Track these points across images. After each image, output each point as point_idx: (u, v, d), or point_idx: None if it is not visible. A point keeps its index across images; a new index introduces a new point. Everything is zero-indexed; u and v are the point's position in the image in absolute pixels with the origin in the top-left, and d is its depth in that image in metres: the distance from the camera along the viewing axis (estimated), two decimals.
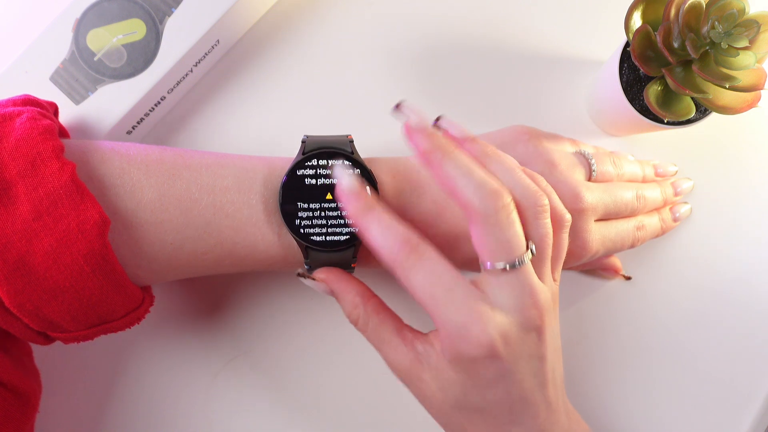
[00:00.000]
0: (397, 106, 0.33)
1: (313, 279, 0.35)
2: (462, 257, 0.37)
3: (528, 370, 0.32)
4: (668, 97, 0.38)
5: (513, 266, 0.30)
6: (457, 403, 0.32)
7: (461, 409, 0.32)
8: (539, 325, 0.31)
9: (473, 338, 0.30)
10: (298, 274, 0.36)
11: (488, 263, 0.31)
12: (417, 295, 0.31)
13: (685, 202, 0.44)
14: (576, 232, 0.38)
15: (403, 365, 0.33)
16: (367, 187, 0.32)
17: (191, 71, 0.42)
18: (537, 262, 0.32)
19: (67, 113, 0.39)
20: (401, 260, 0.30)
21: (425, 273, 0.30)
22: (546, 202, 0.32)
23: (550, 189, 0.34)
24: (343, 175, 0.32)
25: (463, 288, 0.30)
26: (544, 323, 0.31)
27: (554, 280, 0.34)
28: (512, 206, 0.31)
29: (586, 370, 0.44)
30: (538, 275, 0.32)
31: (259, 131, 0.44)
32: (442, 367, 0.32)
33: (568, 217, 0.34)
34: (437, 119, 0.33)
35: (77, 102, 0.39)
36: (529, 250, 0.31)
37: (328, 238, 0.35)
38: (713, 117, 0.40)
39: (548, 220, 0.32)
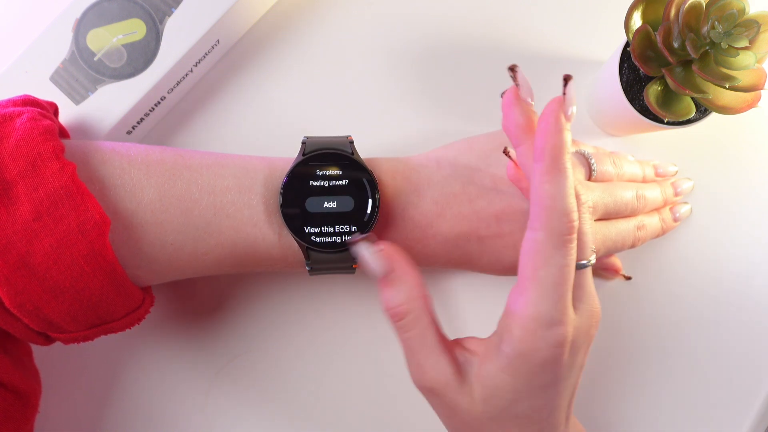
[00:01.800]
0: (512, 68, 0.30)
1: (374, 249, 0.31)
2: (462, 256, 0.37)
3: (572, 381, 0.31)
4: (668, 97, 0.38)
5: (580, 267, 0.30)
6: (500, 413, 0.30)
7: (500, 420, 0.30)
8: (594, 334, 0.31)
9: (553, 338, 0.29)
10: (350, 242, 0.32)
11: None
12: (530, 272, 0.29)
13: (685, 202, 0.44)
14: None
15: (444, 376, 0.30)
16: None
17: (191, 71, 0.42)
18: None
19: (67, 113, 0.39)
20: (555, 232, 0.29)
21: (559, 262, 0.29)
22: (592, 203, 0.32)
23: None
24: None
25: (569, 287, 0.29)
26: (596, 331, 0.31)
27: None
28: (591, 209, 0.31)
29: (585, 370, 0.44)
30: None
31: (259, 131, 0.44)
32: (491, 374, 0.30)
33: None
34: (512, 67, 0.31)
35: (77, 102, 0.39)
36: (594, 254, 0.31)
37: (329, 238, 0.35)
38: (713, 117, 0.40)
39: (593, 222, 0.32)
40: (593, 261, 0.31)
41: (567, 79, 0.29)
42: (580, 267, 0.30)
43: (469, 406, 0.30)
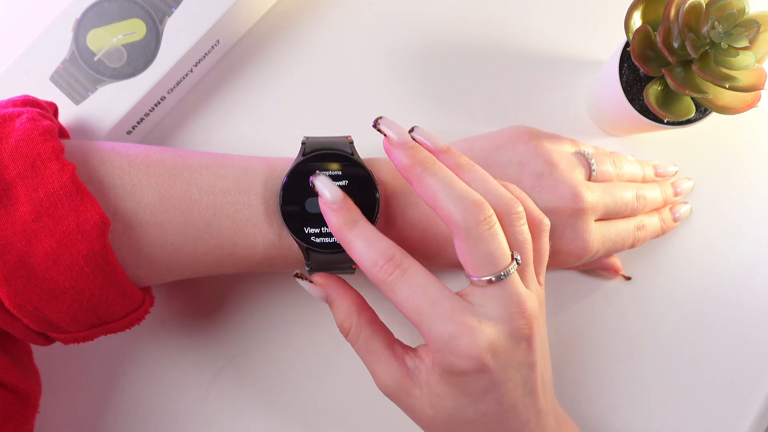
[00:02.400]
0: (375, 123, 0.32)
1: (311, 281, 0.35)
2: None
3: (518, 379, 0.32)
4: (668, 97, 0.38)
5: (499, 278, 0.30)
6: (449, 418, 0.32)
7: (453, 423, 0.32)
8: (528, 334, 0.31)
9: (462, 351, 0.30)
10: (296, 275, 0.35)
11: (474, 276, 0.31)
12: (403, 309, 0.30)
13: (685, 202, 0.44)
14: (576, 231, 0.38)
15: (393, 381, 0.33)
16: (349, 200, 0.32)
17: (191, 71, 0.42)
18: (520, 269, 0.32)
19: (67, 113, 0.39)
20: (385, 276, 0.30)
21: (410, 287, 0.30)
22: (521, 208, 0.32)
23: (524, 195, 0.34)
24: (325, 188, 0.32)
25: (449, 301, 0.30)
26: (533, 332, 0.31)
27: (540, 284, 0.34)
28: (494, 218, 0.30)
29: (585, 369, 0.44)
30: (523, 282, 0.32)
31: (259, 131, 0.44)
32: (432, 383, 0.32)
33: (546, 222, 0.34)
34: (411, 130, 0.33)
35: (77, 102, 0.39)
36: (515, 260, 0.31)
37: (328, 239, 0.35)
38: (713, 117, 0.40)
39: (525, 227, 0.32)
40: (514, 267, 0.31)
41: (376, 122, 0.32)
42: (498, 279, 0.30)
43: (422, 409, 0.32)
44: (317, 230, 0.34)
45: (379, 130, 0.32)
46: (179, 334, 0.43)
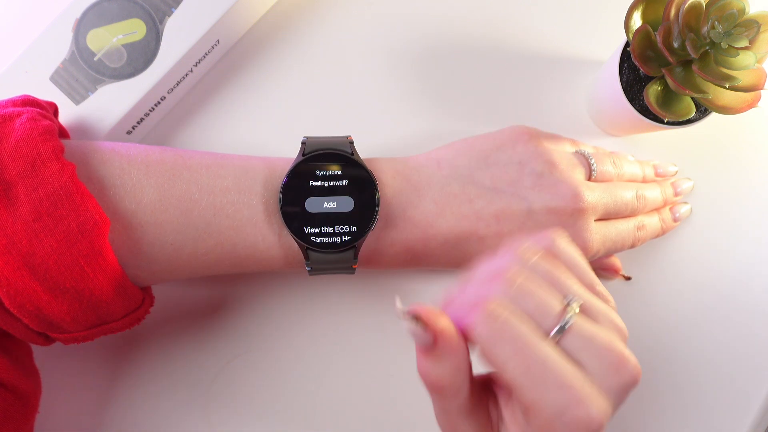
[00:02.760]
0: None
1: (420, 323, 0.26)
2: (462, 256, 0.37)
3: None
4: (668, 97, 0.38)
5: (561, 330, 0.26)
6: None
7: None
8: (632, 386, 0.27)
9: (579, 422, 0.24)
10: (402, 314, 0.26)
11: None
12: (506, 376, 0.25)
13: (685, 202, 0.44)
14: (576, 231, 0.38)
15: None
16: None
17: (191, 71, 0.42)
18: (585, 308, 0.27)
19: (67, 113, 0.39)
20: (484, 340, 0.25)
21: (514, 344, 0.25)
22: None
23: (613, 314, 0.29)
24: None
25: (556, 358, 0.25)
26: (635, 383, 0.27)
27: None
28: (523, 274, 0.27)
29: None
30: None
31: (259, 131, 0.44)
32: None
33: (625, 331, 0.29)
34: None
35: (77, 102, 0.39)
36: (570, 307, 0.26)
37: (328, 239, 0.35)
38: (713, 117, 0.40)
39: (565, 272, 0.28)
40: (572, 315, 0.26)
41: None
42: (560, 332, 0.26)
43: None
44: (317, 230, 0.35)
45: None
46: (179, 334, 0.43)
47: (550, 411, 0.24)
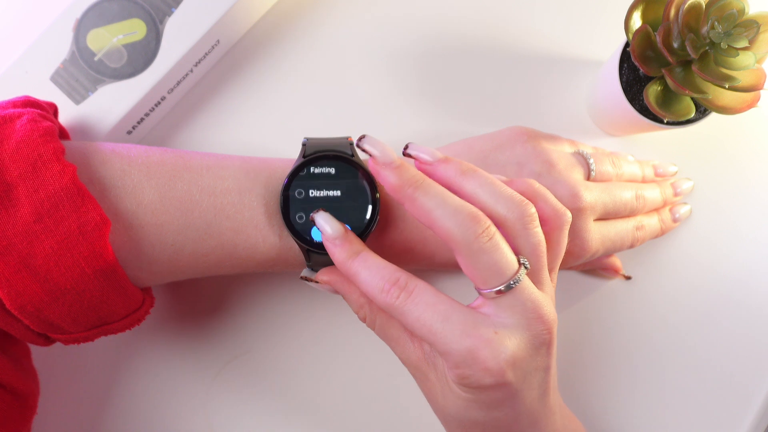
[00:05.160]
0: (358, 142, 0.31)
1: (316, 282, 0.35)
2: None
3: (534, 384, 0.31)
4: (668, 97, 0.38)
5: (509, 287, 0.30)
6: (457, 414, 0.32)
7: (462, 420, 0.32)
8: (548, 339, 0.31)
9: (481, 366, 0.29)
10: (302, 278, 0.35)
11: (483, 289, 0.30)
12: (416, 331, 0.30)
13: (685, 203, 0.44)
14: (575, 231, 0.38)
15: (411, 361, 0.33)
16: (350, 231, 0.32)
17: (191, 71, 0.42)
18: (533, 272, 0.31)
19: (68, 113, 0.39)
20: (392, 300, 0.30)
21: (418, 307, 0.30)
22: (533, 210, 0.31)
23: (543, 190, 0.33)
24: (326, 224, 0.32)
25: (462, 314, 0.29)
26: (552, 336, 0.31)
27: (551, 281, 0.33)
28: (493, 228, 0.30)
29: (585, 369, 0.44)
30: (536, 284, 0.31)
31: (260, 132, 0.44)
32: (446, 380, 0.31)
33: (567, 216, 0.33)
34: (406, 147, 0.32)
35: (77, 102, 0.39)
36: (522, 266, 0.30)
37: None
38: (713, 117, 0.40)
39: (539, 228, 0.31)
40: (523, 273, 0.30)
41: (359, 142, 0.31)
42: (508, 288, 0.29)
43: (436, 394, 0.32)
44: (318, 231, 0.35)
45: (362, 150, 0.31)
46: (179, 334, 0.43)
47: (458, 353, 0.29)
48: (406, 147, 0.32)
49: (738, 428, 0.43)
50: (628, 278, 0.44)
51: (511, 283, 0.30)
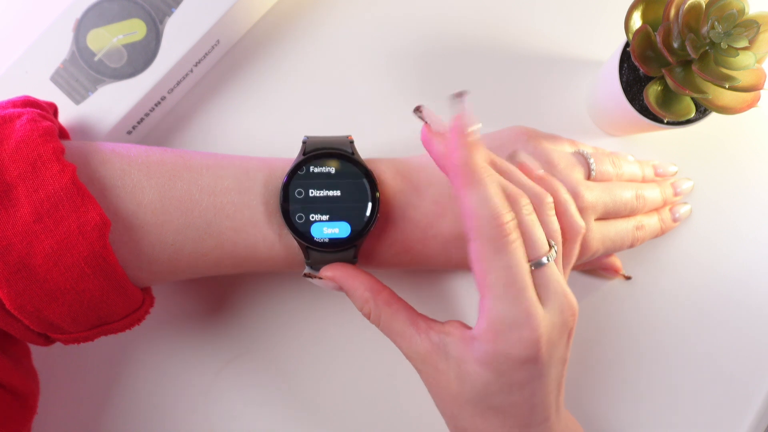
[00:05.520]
0: (416, 110, 0.33)
1: (321, 278, 0.35)
2: (461, 257, 0.37)
3: (555, 375, 0.32)
4: (668, 97, 0.38)
5: (540, 264, 0.30)
6: (474, 398, 0.32)
7: (478, 406, 0.32)
8: (572, 326, 0.31)
9: (524, 338, 0.29)
10: (305, 275, 0.35)
11: None
12: (488, 277, 0.30)
13: (685, 203, 0.44)
14: None
15: (418, 354, 0.33)
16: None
17: (191, 71, 0.42)
18: (556, 260, 0.32)
19: (68, 113, 0.39)
20: (488, 237, 0.29)
21: (503, 264, 0.29)
22: (550, 199, 0.32)
23: (567, 198, 0.34)
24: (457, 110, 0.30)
25: (525, 285, 0.30)
26: (575, 324, 0.32)
27: None
28: (531, 206, 0.31)
29: (584, 369, 0.44)
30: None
31: (260, 131, 0.44)
32: (465, 359, 0.31)
33: (582, 229, 0.34)
34: (417, 108, 0.33)
35: (77, 102, 0.39)
36: (553, 249, 0.31)
37: (328, 238, 0.35)
38: (713, 117, 0.40)
39: (555, 217, 0.33)
40: (553, 256, 0.31)
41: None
42: (538, 265, 0.30)
43: (447, 383, 0.32)
44: (317, 229, 0.35)
45: (421, 118, 0.32)
46: (179, 334, 0.43)
47: (505, 319, 0.29)
48: (418, 108, 0.33)
49: (738, 428, 0.43)
50: (628, 278, 0.44)
51: (544, 260, 0.30)
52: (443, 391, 0.33)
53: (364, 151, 0.37)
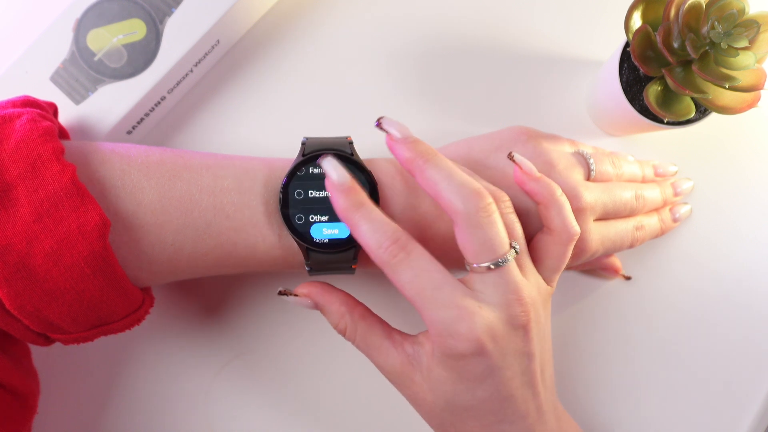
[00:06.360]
0: (378, 123, 0.34)
1: (296, 296, 0.35)
2: (459, 257, 0.37)
3: (516, 368, 0.32)
4: (668, 97, 0.38)
5: (497, 265, 0.31)
6: (447, 403, 0.33)
7: (452, 409, 0.33)
8: (525, 321, 0.32)
9: (461, 334, 0.30)
10: (280, 293, 0.35)
11: (473, 263, 0.31)
12: (406, 292, 0.31)
13: (685, 203, 0.44)
14: None
15: (395, 368, 0.34)
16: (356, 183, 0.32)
17: (191, 71, 0.42)
18: (518, 258, 0.33)
19: (68, 113, 0.39)
20: (389, 257, 0.31)
21: (413, 270, 0.31)
22: (507, 197, 0.34)
23: (563, 200, 0.35)
24: (333, 169, 0.32)
25: (451, 286, 0.31)
26: (529, 320, 0.32)
27: (549, 284, 0.35)
28: (493, 206, 0.32)
29: (584, 369, 0.44)
30: (520, 271, 0.33)
31: (259, 132, 0.44)
32: (432, 367, 0.32)
33: (576, 232, 0.35)
34: (379, 120, 0.34)
35: (77, 102, 0.39)
36: (513, 249, 0.32)
37: (328, 239, 0.35)
38: (713, 117, 0.40)
39: (514, 215, 0.34)
40: (513, 254, 0.32)
41: (378, 124, 0.34)
42: (496, 265, 0.31)
43: (423, 395, 0.33)
44: (317, 230, 0.35)
45: (382, 129, 0.34)
46: (179, 334, 0.43)
47: (442, 320, 0.31)
48: (380, 119, 0.34)
49: (738, 428, 0.43)
50: (628, 278, 0.44)
51: (500, 261, 0.31)
52: (423, 404, 0.34)
53: (364, 151, 0.37)
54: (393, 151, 0.33)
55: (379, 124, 0.34)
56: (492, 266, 0.31)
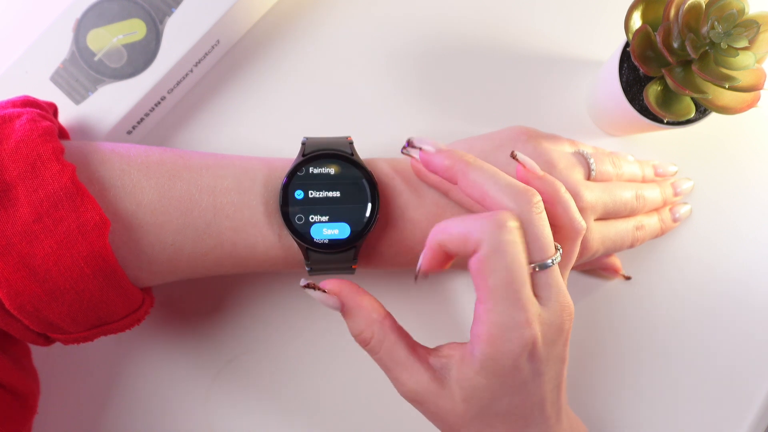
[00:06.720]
0: (408, 143, 0.34)
1: (323, 291, 0.32)
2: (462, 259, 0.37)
3: (552, 374, 0.32)
4: (668, 97, 0.38)
5: (545, 266, 0.30)
6: (481, 411, 0.31)
7: (483, 417, 0.31)
8: (569, 327, 0.32)
9: (523, 337, 0.29)
10: (304, 286, 0.32)
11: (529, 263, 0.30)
12: (481, 283, 0.29)
13: (685, 203, 0.44)
14: None
15: (420, 385, 0.31)
16: None
17: (191, 71, 0.42)
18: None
19: (68, 113, 0.39)
20: (490, 239, 0.29)
21: (504, 265, 0.29)
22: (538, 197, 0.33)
23: (567, 197, 0.34)
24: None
25: (523, 286, 0.29)
26: (571, 327, 0.32)
27: None
28: (542, 204, 0.31)
29: (584, 369, 0.44)
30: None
31: (259, 132, 0.44)
32: (468, 377, 0.31)
33: (583, 228, 0.34)
34: (408, 143, 0.34)
35: (77, 102, 0.39)
36: (558, 251, 0.31)
37: (328, 239, 0.35)
38: (713, 117, 0.40)
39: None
40: (558, 259, 0.31)
41: (410, 145, 0.34)
42: (543, 267, 0.30)
43: (452, 407, 0.31)
44: (317, 230, 0.35)
45: (413, 147, 0.34)
46: (179, 334, 0.43)
47: (504, 320, 0.29)
48: (409, 142, 0.34)
49: (738, 428, 0.43)
50: (628, 278, 0.44)
51: (549, 261, 0.31)
52: (449, 416, 0.32)
53: (364, 151, 0.37)
54: (429, 164, 0.33)
55: (409, 144, 0.34)
56: (537, 268, 0.30)
